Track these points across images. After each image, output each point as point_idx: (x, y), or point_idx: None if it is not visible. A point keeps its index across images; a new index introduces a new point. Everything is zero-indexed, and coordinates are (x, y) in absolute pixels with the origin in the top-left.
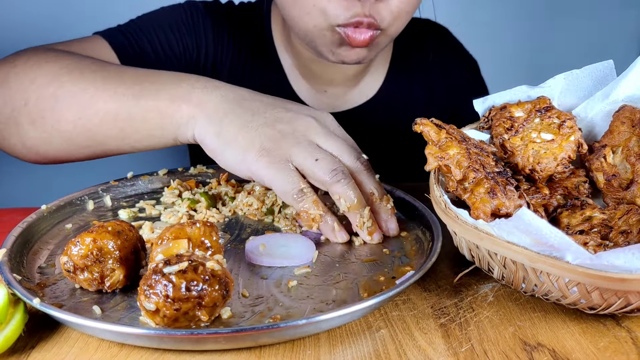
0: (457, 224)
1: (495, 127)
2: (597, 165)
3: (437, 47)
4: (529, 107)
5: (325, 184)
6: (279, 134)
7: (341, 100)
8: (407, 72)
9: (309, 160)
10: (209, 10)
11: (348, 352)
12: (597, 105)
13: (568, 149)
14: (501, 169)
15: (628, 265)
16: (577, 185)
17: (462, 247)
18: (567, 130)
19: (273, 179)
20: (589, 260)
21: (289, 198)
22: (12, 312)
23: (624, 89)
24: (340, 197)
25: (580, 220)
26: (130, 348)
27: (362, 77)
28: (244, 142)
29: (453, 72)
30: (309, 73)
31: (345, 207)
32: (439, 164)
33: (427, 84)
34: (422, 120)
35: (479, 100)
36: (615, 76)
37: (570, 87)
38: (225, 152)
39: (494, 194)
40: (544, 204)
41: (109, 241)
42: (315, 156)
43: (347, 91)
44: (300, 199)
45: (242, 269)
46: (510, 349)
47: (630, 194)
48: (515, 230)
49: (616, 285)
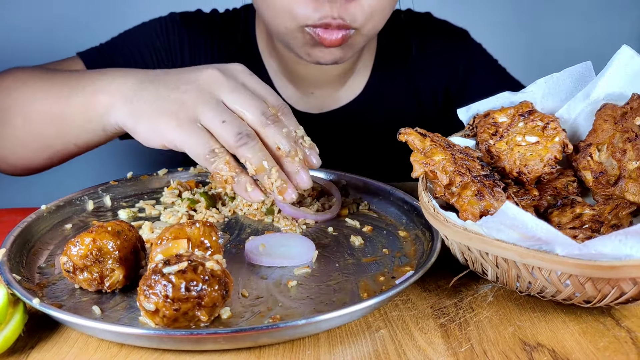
0: (446, 227)
1: (480, 133)
2: (584, 164)
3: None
4: (512, 112)
5: (231, 149)
6: (184, 94)
7: (329, 101)
8: (391, 66)
9: (215, 122)
10: (185, 21)
11: (348, 352)
12: (579, 106)
13: (553, 150)
14: (488, 172)
15: (616, 252)
16: (566, 185)
17: (455, 251)
18: (551, 131)
19: (184, 142)
20: (577, 251)
21: (201, 160)
22: (12, 312)
23: (604, 87)
24: (246, 161)
25: (571, 218)
26: (129, 348)
27: (348, 76)
28: (154, 112)
29: (443, 52)
30: (294, 76)
31: (252, 171)
32: (424, 170)
33: (415, 75)
34: (406, 129)
35: (463, 109)
36: (594, 76)
37: (551, 90)
38: (138, 127)
39: (481, 196)
40: (534, 205)
41: (109, 241)
42: (221, 117)
43: (333, 92)
44: (213, 160)
45: (242, 269)
46: (510, 349)
47: (619, 190)
48: (502, 226)
49: (607, 274)
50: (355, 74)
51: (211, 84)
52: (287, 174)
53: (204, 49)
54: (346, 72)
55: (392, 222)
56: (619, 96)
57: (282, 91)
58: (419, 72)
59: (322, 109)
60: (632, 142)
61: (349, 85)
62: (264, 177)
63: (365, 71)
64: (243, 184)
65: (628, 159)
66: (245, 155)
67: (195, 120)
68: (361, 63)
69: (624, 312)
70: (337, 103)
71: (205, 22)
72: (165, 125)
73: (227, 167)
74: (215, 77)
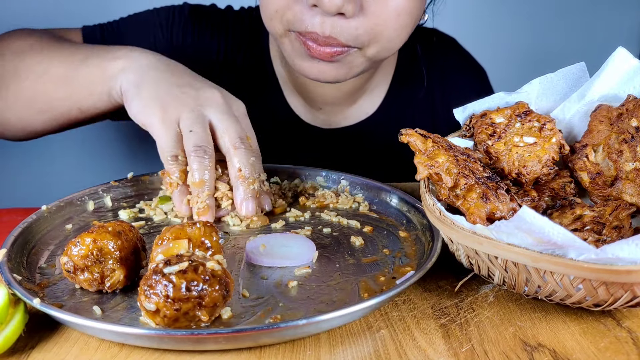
0: (454, 230)
1: (478, 134)
2: (580, 165)
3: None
4: (509, 112)
5: (187, 154)
6: (182, 95)
7: (339, 118)
8: (409, 90)
9: (185, 128)
10: (193, 15)
11: (348, 352)
12: (573, 107)
13: (551, 151)
14: (489, 174)
15: (632, 257)
16: (564, 186)
17: (460, 255)
18: (548, 132)
19: (159, 135)
20: (594, 255)
21: (164, 157)
22: (12, 313)
23: (599, 88)
24: (192, 171)
25: (572, 220)
26: (130, 348)
27: (359, 95)
28: (152, 94)
29: (460, 84)
30: (302, 88)
31: (193, 180)
32: (429, 173)
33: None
34: (408, 130)
35: (459, 109)
36: (588, 77)
37: (546, 90)
38: (134, 100)
39: (486, 199)
40: (533, 207)
41: (109, 241)
42: (193, 127)
43: (343, 109)
44: (172, 163)
45: (242, 269)
46: (511, 349)
47: (616, 190)
48: (517, 230)
49: (622, 278)
50: (368, 93)
51: (208, 99)
52: (236, 196)
53: (208, 46)
54: (356, 90)
55: (393, 223)
56: (613, 97)
57: (290, 101)
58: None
59: (330, 124)
60: (628, 143)
61: (360, 104)
62: (195, 192)
63: (379, 91)
64: (182, 194)
65: (624, 160)
66: (193, 164)
67: (177, 122)
68: (374, 82)
69: (624, 313)
70: (347, 121)
71: (216, 18)
72: (153, 112)
73: (178, 175)
74: (215, 98)
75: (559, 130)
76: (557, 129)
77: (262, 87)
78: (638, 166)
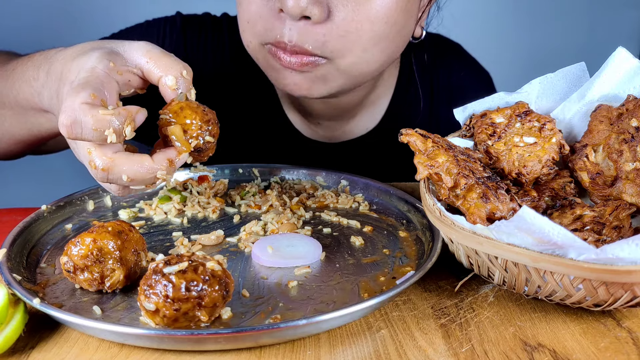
0: (454, 230)
1: (478, 134)
2: (580, 165)
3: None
4: (509, 112)
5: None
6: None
7: (338, 133)
8: (412, 100)
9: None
10: (185, 26)
11: (348, 352)
12: (574, 107)
13: (551, 151)
14: (489, 174)
15: (632, 257)
16: (564, 186)
17: (460, 255)
18: (548, 132)
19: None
20: (594, 255)
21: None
22: (12, 313)
23: (599, 88)
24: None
25: (572, 220)
26: (130, 348)
27: (358, 110)
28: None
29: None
30: (297, 103)
31: None
32: (429, 173)
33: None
34: (407, 130)
35: (459, 109)
36: (588, 77)
37: (545, 91)
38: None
39: (486, 199)
40: (533, 206)
41: (109, 241)
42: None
43: (342, 124)
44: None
45: (242, 269)
46: (511, 349)
47: (617, 190)
48: (517, 230)
49: (623, 278)
50: (367, 108)
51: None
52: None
53: (202, 59)
54: (354, 106)
55: (393, 223)
56: (613, 97)
57: (290, 116)
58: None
59: (330, 139)
60: (628, 143)
61: (360, 118)
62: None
63: (381, 105)
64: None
65: (625, 160)
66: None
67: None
68: (374, 96)
69: (624, 313)
70: (347, 135)
71: (210, 30)
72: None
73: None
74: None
75: (559, 130)
76: (557, 129)
77: (261, 100)
78: (638, 166)
